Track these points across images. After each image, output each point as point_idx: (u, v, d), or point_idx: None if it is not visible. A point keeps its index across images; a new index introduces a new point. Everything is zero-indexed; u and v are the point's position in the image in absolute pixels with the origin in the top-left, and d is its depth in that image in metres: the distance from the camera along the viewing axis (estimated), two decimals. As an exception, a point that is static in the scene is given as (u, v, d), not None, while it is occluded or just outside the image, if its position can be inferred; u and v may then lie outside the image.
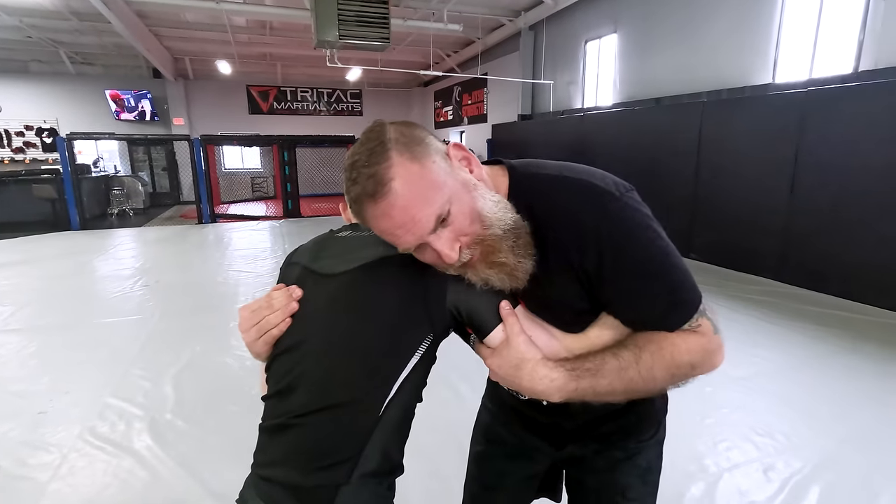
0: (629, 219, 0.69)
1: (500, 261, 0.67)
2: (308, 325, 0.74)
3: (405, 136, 0.65)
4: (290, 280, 0.80)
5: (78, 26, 9.16)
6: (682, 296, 0.70)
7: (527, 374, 0.67)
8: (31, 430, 2.32)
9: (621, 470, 0.89)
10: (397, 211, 0.62)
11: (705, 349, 0.70)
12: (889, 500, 1.82)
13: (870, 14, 4.29)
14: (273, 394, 0.75)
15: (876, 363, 2.98)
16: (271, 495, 0.70)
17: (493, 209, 0.67)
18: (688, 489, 1.90)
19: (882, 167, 3.89)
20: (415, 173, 0.62)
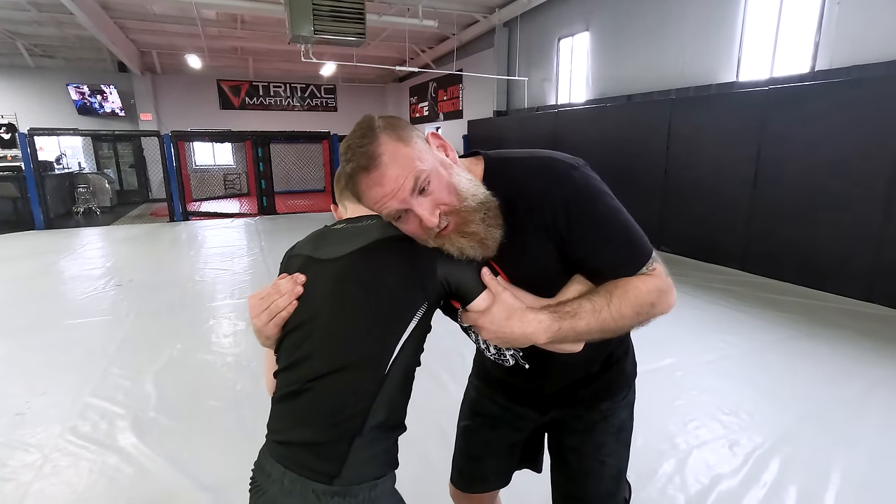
0: (589, 185, 0.81)
1: (471, 230, 0.77)
2: (315, 303, 0.81)
3: (391, 123, 0.76)
4: (294, 268, 0.87)
5: (37, 17, 8.79)
6: (639, 245, 0.82)
7: (517, 321, 0.76)
8: (8, 431, 2.28)
9: (597, 429, 1.00)
10: (386, 179, 0.73)
11: (660, 289, 0.81)
12: (840, 468, 1.98)
13: (825, 17, 4.53)
14: (285, 367, 0.81)
15: (831, 345, 3.18)
16: (289, 456, 0.77)
17: (467, 185, 0.78)
18: (660, 466, 2.02)
19: (836, 162, 4.12)
20: (400, 149, 0.74)
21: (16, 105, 11.79)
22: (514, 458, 1.16)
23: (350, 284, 0.80)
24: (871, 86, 3.93)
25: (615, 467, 1.02)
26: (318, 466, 0.75)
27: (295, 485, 0.75)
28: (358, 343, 0.77)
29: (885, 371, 2.81)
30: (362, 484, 0.76)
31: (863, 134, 3.93)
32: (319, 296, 0.81)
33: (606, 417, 1.00)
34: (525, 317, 0.76)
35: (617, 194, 0.85)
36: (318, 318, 0.80)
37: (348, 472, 0.75)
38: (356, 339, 0.77)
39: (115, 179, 11.91)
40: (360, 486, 0.76)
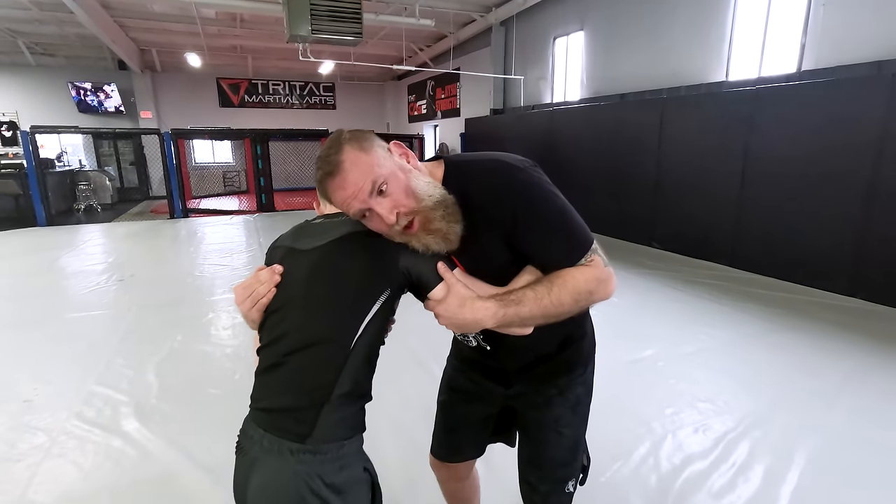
0: (534, 185, 0.90)
1: (435, 227, 0.87)
2: (292, 289, 0.92)
3: (355, 136, 0.88)
4: (276, 258, 0.99)
5: (38, 16, 8.88)
6: (578, 239, 0.91)
7: (468, 309, 0.87)
8: (17, 417, 2.40)
9: (555, 403, 1.10)
10: (347, 183, 0.85)
11: (598, 278, 0.90)
12: (806, 451, 2.09)
13: (811, 18, 4.62)
14: (266, 344, 0.93)
15: (811, 338, 3.29)
16: (268, 420, 0.89)
17: (424, 187, 0.88)
18: (636, 448, 2.13)
19: (821, 160, 4.23)
20: (360, 157, 0.85)
21: (17, 103, 11.88)
22: (488, 430, 1.27)
23: (322, 271, 0.91)
24: (854, 86, 4.04)
25: (571, 438, 1.11)
26: (292, 428, 0.86)
27: (272, 445, 0.87)
28: (327, 322, 0.88)
29: (859, 362, 2.92)
30: (331, 443, 0.87)
31: (846, 133, 4.04)
32: (296, 282, 0.92)
33: (563, 392, 1.09)
34: (475, 305, 0.87)
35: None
36: (293, 301, 0.91)
37: (318, 433, 0.86)
38: (325, 318, 0.89)
39: (115, 177, 12.01)
40: (329, 446, 0.87)
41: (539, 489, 1.14)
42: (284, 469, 0.86)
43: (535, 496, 1.15)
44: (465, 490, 1.41)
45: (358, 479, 0.92)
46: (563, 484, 1.13)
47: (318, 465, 0.86)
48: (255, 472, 0.88)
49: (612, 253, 5.69)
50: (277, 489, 0.86)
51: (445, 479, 1.38)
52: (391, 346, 2.43)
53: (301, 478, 0.85)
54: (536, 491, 1.14)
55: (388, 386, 2.58)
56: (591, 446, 2.12)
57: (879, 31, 4.12)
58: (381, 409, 2.36)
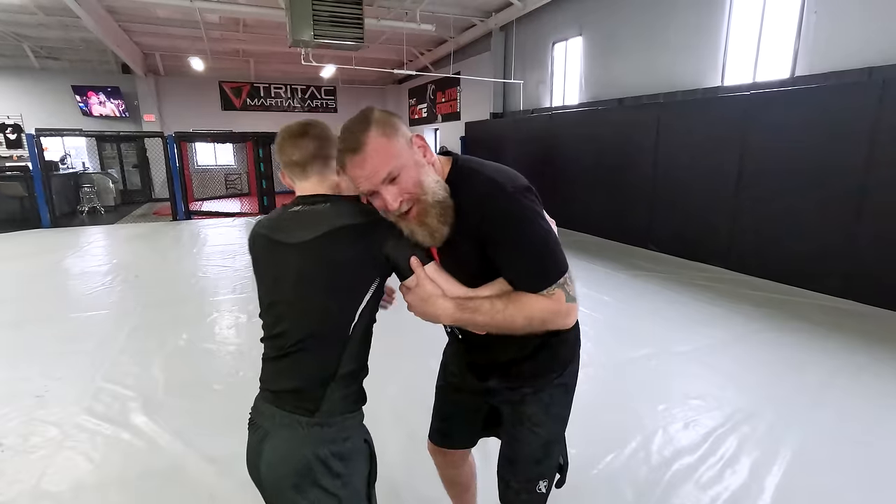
0: (522, 208, 0.97)
1: (426, 221, 0.95)
2: (288, 282, 0.98)
3: (384, 120, 0.94)
4: (258, 247, 1.05)
5: (44, 20, 9.00)
6: (546, 269, 0.97)
7: (430, 304, 0.97)
8: (29, 411, 2.47)
9: (528, 402, 1.15)
10: (366, 164, 0.92)
11: (554, 311, 0.97)
12: (791, 445, 2.16)
13: (803, 25, 4.71)
14: (269, 336, 1.02)
15: (801, 338, 3.36)
16: (278, 399, 0.99)
17: (432, 184, 0.96)
18: (627, 443, 2.20)
19: (814, 164, 4.31)
20: (382, 143, 0.92)
21: (22, 106, 12.00)
22: (478, 424, 1.34)
23: (314, 267, 0.96)
24: (845, 91, 4.12)
25: (544, 437, 1.14)
26: (302, 405, 0.96)
27: (284, 419, 0.97)
28: (325, 316, 0.96)
29: (848, 361, 2.99)
30: (336, 417, 0.98)
31: (838, 137, 4.12)
32: (291, 276, 0.98)
33: (537, 392, 1.14)
34: (436, 303, 0.97)
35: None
36: (289, 296, 0.98)
37: (325, 408, 0.96)
38: (323, 312, 0.96)
39: (118, 179, 12.10)
40: (335, 419, 0.97)
41: (512, 485, 1.17)
42: (294, 439, 0.95)
43: (508, 492, 1.18)
44: (462, 476, 1.49)
45: (359, 448, 1.01)
46: (534, 483, 1.16)
47: (325, 435, 0.96)
48: (267, 443, 0.97)
49: (609, 254, 5.86)
50: (287, 456, 0.95)
51: (442, 464, 1.45)
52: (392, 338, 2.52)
53: (309, 446, 0.95)
54: (510, 487, 1.18)
55: (388, 377, 2.66)
56: (585, 440, 2.22)
57: (870, 38, 4.21)
58: (382, 400, 2.44)
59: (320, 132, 1.07)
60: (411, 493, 1.89)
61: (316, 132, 1.06)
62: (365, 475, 1.03)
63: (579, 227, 7.32)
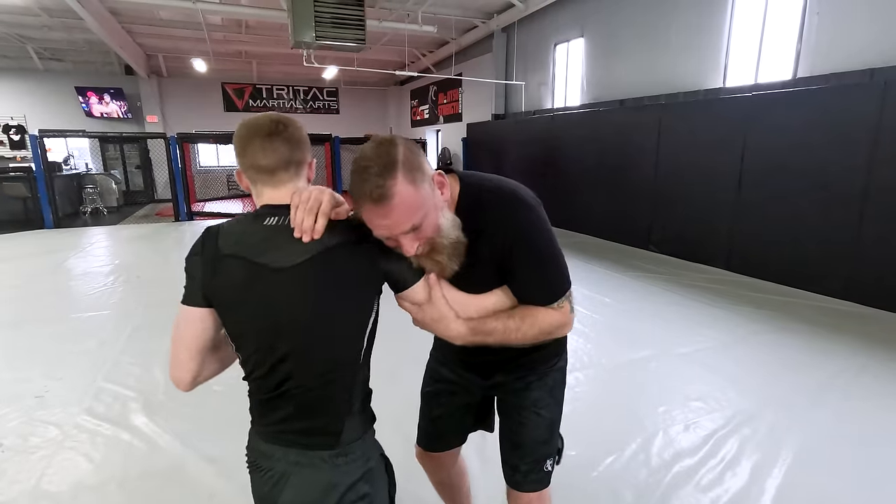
0: (535, 226, 1.00)
1: (437, 259, 0.94)
2: (284, 314, 0.84)
3: (410, 162, 0.84)
4: (237, 274, 0.84)
5: (48, 22, 9.04)
6: (556, 285, 1.03)
7: (443, 326, 0.99)
8: (30, 412, 2.48)
9: (534, 387, 1.19)
10: (392, 217, 0.83)
11: (561, 322, 1.03)
12: (792, 447, 2.16)
13: (805, 26, 4.71)
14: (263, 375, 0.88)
15: (803, 340, 3.35)
16: (289, 439, 0.90)
17: (448, 227, 0.94)
18: (627, 444, 2.20)
19: (816, 165, 4.30)
20: (410, 193, 0.83)
21: (25, 107, 12.05)
22: (469, 419, 1.36)
23: (319, 292, 0.85)
24: (847, 92, 4.11)
25: (549, 418, 1.21)
26: (320, 442, 0.90)
27: (301, 457, 0.89)
28: (338, 344, 0.88)
29: (849, 363, 2.98)
30: (356, 442, 0.93)
31: (839, 138, 4.11)
32: (289, 306, 0.84)
33: (541, 377, 1.20)
34: (449, 325, 0.98)
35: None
36: (288, 323, 0.85)
37: (344, 438, 0.91)
38: (332, 345, 0.87)
39: (121, 180, 12.14)
40: (354, 444, 0.92)
41: (520, 468, 1.21)
42: (320, 478, 0.89)
43: (516, 475, 1.22)
44: (452, 477, 1.50)
45: (379, 466, 0.98)
46: (541, 462, 1.21)
47: (350, 466, 0.91)
48: (287, 487, 0.89)
49: (610, 255, 5.86)
50: (316, 498, 0.88)
51: (432, 469, 1.46)
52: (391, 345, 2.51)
53: (336, 481, 0.89)
54: (518, 470, 1.21)
55: (386, 382, 2.65)
56: (585, 442, 2.22)
57: (872, 39, 4.20)
58: (381, 405, 2.44)
59: (293, 133, 0.90)
60: (411, 499, 1.88)
61: (288, 133, 0.89)
62: (386, 489, 1.00)
63: (580, 228, 7.32)
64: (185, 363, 0.91)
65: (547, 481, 1.23)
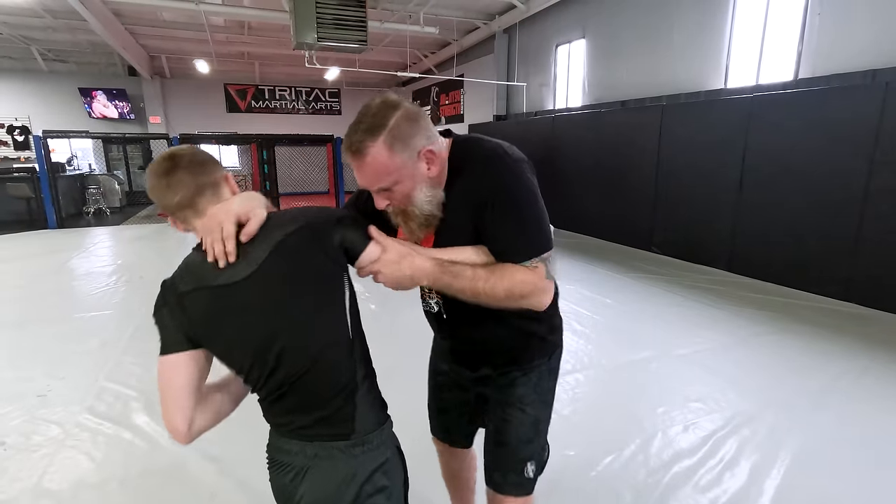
0: (519, 178, 0.97)
1: (409, 224, 1.01)
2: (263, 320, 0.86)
3: (398, 130, 0.90)
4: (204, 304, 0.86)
5: (51, 24, 9.09)
6: (535, 241, 0.97)
7: (407, 263, 0.93)
8: (31, 411, 2.50)
9: (518, 383, 1.16)
10: (362, 172, 0.93)
11: (535, 284, 0.95)
12: (791, 448, 2.16)
13: (807, 28, 4.70)
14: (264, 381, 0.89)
15: (803, 341, 3.35)
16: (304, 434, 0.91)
17: (421, 199, 0.96)
18: (626, 445, 2.20)
19: (817, 167, 4.29)
20: (383, 157, 0.90)
21: (29, 108, 12.10)
22: (466, 415, 1.34)
23: (286, 284, 0.86)
24: (848, 94, 4.10)
25: (533, 416, 1.16)
26: (335, 431, 0.90)
27: (318, 450, 0.89)
28: (322, 331, 0.89)
29: (850, 364, 2.97)
30: (373, 432, 0.92)
31: (841, 140, 4.10)
32: (257, 311, 0.85)
33: (526, 373, 1.16)
34: (413, 261, 0.93)
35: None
36: (269, 329, 0.86)
37: (360, 426, 0.91)
38: (318, 328, 0.89)
39: (124, 181, 12.19)
40: (372, 435, 0.92)
41: (501, 467, 1.18)
42: (338, 470, 0.89)
43: (496, 474, 1.18)
44: (464, 471, 1.51)
45: (395, 459, 0.98)
46: (522, 464, 1.16)
47: (367, 457, 0.91)
48: (306, 480, 0.90)
49: (611, 256, 5.85)
50: (334, 491, 0.89)
51: (446, 459, 1.49)
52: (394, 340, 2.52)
53: (355, 473, 0.89)
54: (498, 468, 1.18)
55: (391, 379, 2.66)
56: (584, 442, 2.22)
57: (873, 40, 4.19)
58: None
59: (191, 157, 0.91)
60: (417, 499, 1.89)
61: (185, 162, 0.90)
62: (402, 482, 1.00)
63: (581, 229, 7.31)
64: (177, 412, 0.90)
65: (529, 488, 1.18)
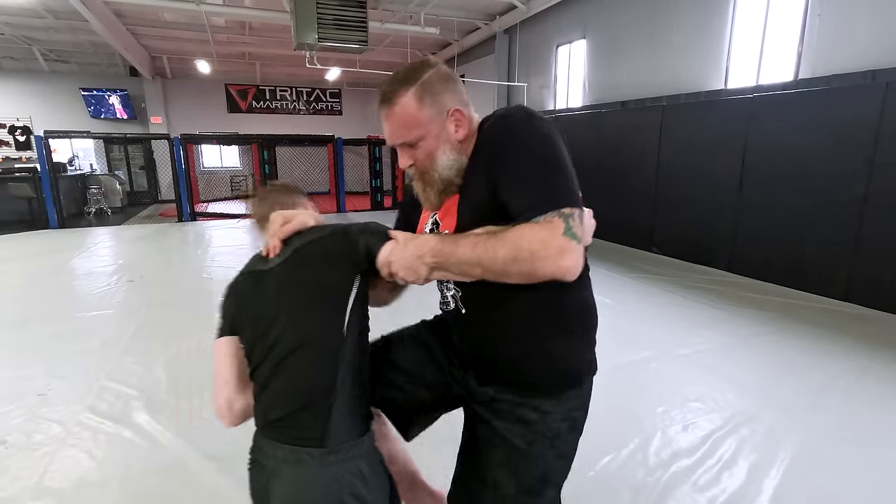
0: (537, 130, 0.89)
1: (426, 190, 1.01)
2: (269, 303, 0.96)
3: (431, 85, 0.94)
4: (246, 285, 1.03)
5: (53, 24, 9.11)
6: (549, 193, 0.84)
7: (411, 245, 0.91)
8: (32, 410, 2.50)
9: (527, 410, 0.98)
10: (389, 122, 0.96)
11: (545, 241, 0.79)
12: (790, 448, 2.16)
13: (807, 28, 4.70)
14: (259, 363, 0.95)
15: (803, 341, 3.35)
16: (277, 432, 0.91)
17: (444, 162, 0.97)
18: (625, 444, 2.20)
19: (817, 167, 4.29)
20: (412, 108, 0.93)
21: (31, 108, 12.12)
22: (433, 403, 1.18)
23: (293, 277, 0.96)
24: (848, 94, 4.11)
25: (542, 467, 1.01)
26: (306, 434, 0.89)
27: (289, 454, 0.89)
28: (313, 320, 0.93)
29: (850, 364, 2.98)
30: (348, 442, 0.90)
31: (841, 139, 4.11)
32: (271, 296, 0.96)
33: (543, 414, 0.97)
34: (416, 240, 0.92)
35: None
36: (274, 313, 0.94)
37: (334, 433, 0.89)
38: (311, 317, 0.93)
39: (125, 181, 12.20)
40: (347, 444, 0.90)
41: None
42: (305, 478, 0.87)
43: None
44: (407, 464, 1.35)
45: (377, 471, 0.94)
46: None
47: (339, 468, 0.88)
48: (275, 483, 0.89)
49: (612, 257, 5.86)
50: (307, 498, 0.87)
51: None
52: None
53: (324, 485, 0.87)
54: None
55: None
56: (582, 441, 2.14)
57: (873, 40, 4.19)
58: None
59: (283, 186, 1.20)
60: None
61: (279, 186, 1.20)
62: (387, 494, 0.97)
63: (582, 230, 7.30)
64: (218, 392, 1.02)
65: None
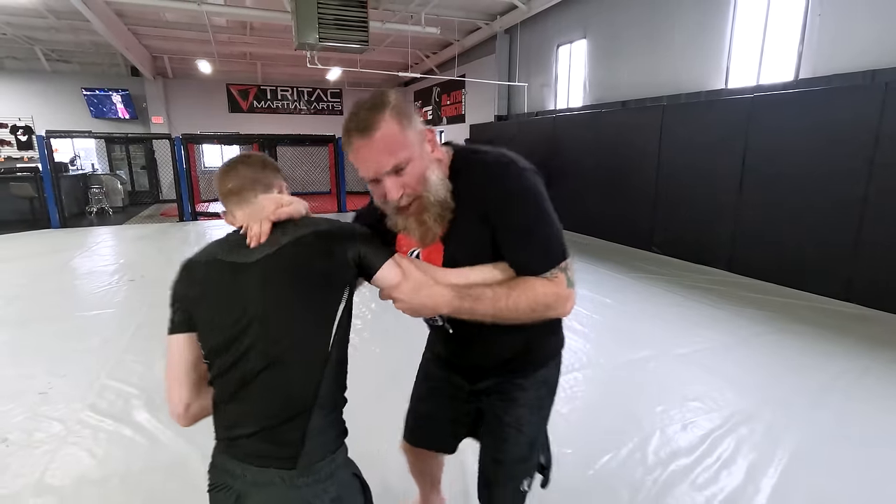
0: (528, 186, 0.94)
1: (424, 219, 0.93)
2: (247, 303, 0.85)
3: (400, 107, 0.88)
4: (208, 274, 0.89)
5: (55, 24, 9.13)
6: (552, 250, 0.95)
7: (425, 293, 0.90)
8: (34, 408, 2.51)
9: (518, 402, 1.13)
10: (372, 153, 0.87)
11: (558, 295, 0.94)
12: (789, 447, 2.16)
13: (807, 28, 4.70)
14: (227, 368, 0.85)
15: (802, 340, 3.35)
16: (244, 450, 0.83)
17: (436, 182, 0.93)
18: (624, 444, 2.21)
19: (817, 167, 4.29)
20: (395, 131, 0.87)
21: (33, 108, 12.15)
22: (464, 426, 1.29)
23: (280, 280, 0.85)
24: (849, 94, 4.10)
25: (529, 436, 1.14)
26: (278, 453, 0.82)
27: (259, 476, 0.81)
28: (298, 332, 0.84)
29: (850, 364, 2.97)
30: (321, 462, 0.84)
31: (841, 140, 4.10)
32: (255, 293, 0.85)
33: (526, 390, 1.13)
34: (432, 290, 0.90)
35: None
36: (252, 315, 0.84)
37: (307, 453, 0.82)
38: (296, 328, 0.84)
39: (127, 181, 12.23)
40: (320, 464, 0.84)
41: (495, 484, 1.16)
42: (279, 499, 0.82)
43: (493, 490, 1.17)
44: (433, 468, 1.52)
45: (349, 483, 0.91)
46: (518, 481, 1.15)
47: (313, 487, 0.83)
48: None
49: (612, 257, 5.86)
50: None
51: (415, 461, 1.46)
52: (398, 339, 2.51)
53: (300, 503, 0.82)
54: (492, 484, 1.17)
55: (387, 383, 2.67)
56: (582, 440, 2.22)
57: (874, 40, 4.19)
58: (384, 410, 2.45)
59: (257, 159, 1.02)
60: (407, 491, 1.90)
61: (251, 160, 1.02)
62: None
63: (583, 230, 7.31)
64: (173, 391, 0.93)
65: (521, 501, 1.18)
